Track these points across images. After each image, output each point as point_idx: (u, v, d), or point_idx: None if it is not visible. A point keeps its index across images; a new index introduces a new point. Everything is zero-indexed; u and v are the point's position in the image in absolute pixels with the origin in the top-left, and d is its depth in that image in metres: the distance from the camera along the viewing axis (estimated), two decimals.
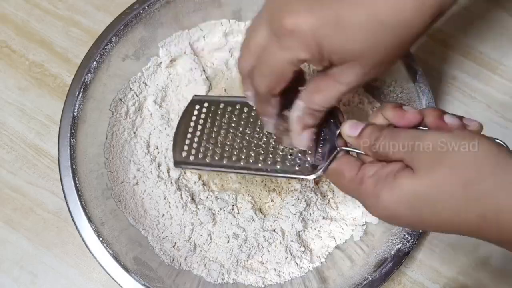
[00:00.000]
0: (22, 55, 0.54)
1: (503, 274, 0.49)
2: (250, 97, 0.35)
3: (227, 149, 0.39)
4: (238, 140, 0.39)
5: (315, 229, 0.48)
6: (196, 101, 0.43)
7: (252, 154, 0.39)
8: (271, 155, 0.38)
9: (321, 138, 0.36)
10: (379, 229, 0.47)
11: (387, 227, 0.45)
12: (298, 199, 0.47)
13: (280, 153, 0.38)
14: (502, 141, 0.30)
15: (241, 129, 0.40)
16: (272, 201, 0.48)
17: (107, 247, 0.41)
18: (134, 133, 0.49)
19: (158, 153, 0.49)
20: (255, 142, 0.39)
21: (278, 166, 0.37)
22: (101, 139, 0.47)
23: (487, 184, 0.27)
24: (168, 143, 0.49)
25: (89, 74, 0.45)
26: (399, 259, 0.42)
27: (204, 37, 0.52)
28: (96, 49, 0.45)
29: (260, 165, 0.38)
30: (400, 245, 0.43)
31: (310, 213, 0.47)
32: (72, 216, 0.42)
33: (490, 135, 0.30)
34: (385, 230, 0.46)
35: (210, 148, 0.40)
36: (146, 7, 0.47)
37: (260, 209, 0.48)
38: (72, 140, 0.43)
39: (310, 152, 0.36)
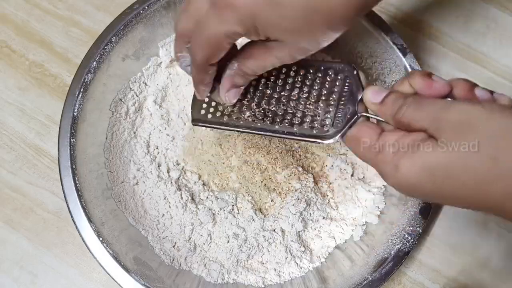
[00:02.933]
0: (22, 55, 0.54)
1: (503, 274, 0.49)
2: (182, 59, 0.36)
3: (245, 109, 0.39)
4: (256, 101, 0.39)
5: (315, 229, 0.48)
6: None
7: (270, 116, 0.38)
8: (288, 117, 0.37)
9: (342, 103, 0.36)
10: (379, 229, 0.47)
11: (387, 227, 0.46)
12: (298, 199, 0.47)
13: (298, 116, 0.37)
14: None
15: (260, 89, 0.40)
16: (272, 201, 0.48)
17: (107, 247, 0.41)
18: (134, 133, 0.49)
19: (158, 153, 0.49)
20: (273, 103, 0.39)
21: (295, 129, 0.37)
22: (101, 139, 0.47)
23: None
24: (168, 143, 0.49)
25: (89, 74, 0.45)
26: (399, 259, 0.42)
27: None
28: (96, 49, 0.45)
29: (277, 127, 0.38)
30: (400, 245, 0.43)
31: (310, 213, 0.47)
32: (72, 216, 0.42)
33: None
34: (385, 230, 0.46)
35: (228, 107, 0.40)
36: (146, 7, 0.47)
37: (260, 209, 0.48)
38: (72, 140, 0.43)
39: (329, 116, 0.36)
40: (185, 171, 0.49)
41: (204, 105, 0.41)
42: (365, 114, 0.34)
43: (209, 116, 0.40)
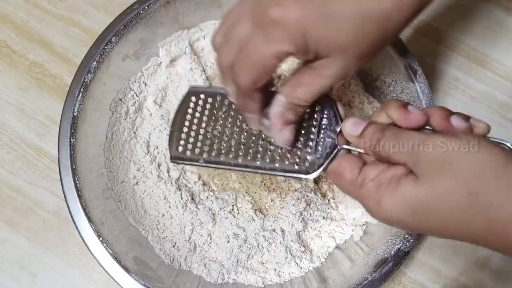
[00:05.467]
0: (22, 55, 0.54)
1: (503, 274, 0.49)
2: (231, 93, 0.35)
3: (225, 145, 0.38)
4: (236, 136, 0.38)
5: (315, 229, 0.48)
6: (192, 92, 0.41)
7: (250, 151, 0.38)
8: (269, 153, 0.37)
9: (321, 135, 0.36)
10: (379, 229, 0.47)
11: (387, 227, 0.45)
12: (298, 199, 0.47)
13: (279, 151, 0.37)
14: (509, 144, 0.29)
15: (238, 123, 0.39)
16: (272, 201, 0.48)
17: (107, 247, 0.41)
18: (134, 133, 0.49)
19: (158, 153, 0.49)
20: (254, 138, 0.38)
21: (277, 165, 0.37)
22: (101, 139, 0.47)
23: (492, 194, 0.26)
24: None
25: (89, 74, 0.45)
26: (399, 259, 0.42)
27: (204, 37, 0.52)
28: (96, 49, 0.45)
29: (258, 163, 0.37)
30: (400, 245, 0.43)
31: (310, 213, 0.47)
32: (72, 216, 0.42)
33: (491, 136, 0.30)
34: (385, 230, 0.46)
35: (207, 143, 0.39)
36: (146, 7, 0.47)
37: (260, 209, 0.48)
38: (72, 140, 0.43)
39: (310, 150, 0.36)
40: (185, 171, 0.49)
41: (182, 142, 0.40)
42: (345, 146, 0.34)
43: (188, 153, 0.39)
